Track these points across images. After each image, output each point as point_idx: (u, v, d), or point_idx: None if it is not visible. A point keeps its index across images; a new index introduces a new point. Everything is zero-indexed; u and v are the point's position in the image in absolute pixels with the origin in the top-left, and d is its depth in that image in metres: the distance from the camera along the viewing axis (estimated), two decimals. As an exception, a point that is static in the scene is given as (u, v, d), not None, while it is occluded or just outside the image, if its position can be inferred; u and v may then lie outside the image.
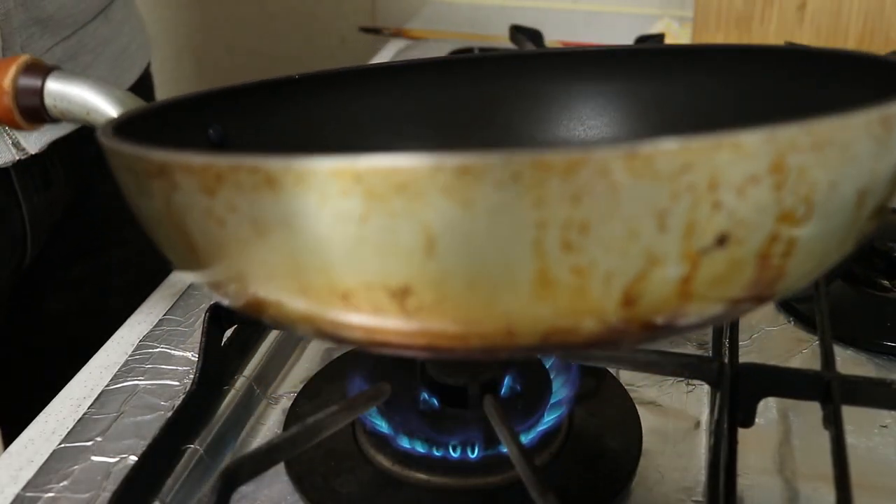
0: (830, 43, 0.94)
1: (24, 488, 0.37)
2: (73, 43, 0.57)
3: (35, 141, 0.55)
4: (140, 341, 0.47)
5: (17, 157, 0.54)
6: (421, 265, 0.23)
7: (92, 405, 0.42)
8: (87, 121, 0.40)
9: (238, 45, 1.37)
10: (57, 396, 0.44)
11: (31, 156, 0.56)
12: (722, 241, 0.23)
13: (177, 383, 0.44)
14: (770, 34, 0.96)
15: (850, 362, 0.46)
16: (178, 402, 0.41)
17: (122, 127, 0.31)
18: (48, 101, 0.40)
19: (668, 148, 0.21)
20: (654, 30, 1.00)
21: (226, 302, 0.28)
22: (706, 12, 0.97)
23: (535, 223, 0.22)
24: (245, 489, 0.37)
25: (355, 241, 0.23)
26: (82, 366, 0.46)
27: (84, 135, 0.61)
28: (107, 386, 0.44)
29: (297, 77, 0.42)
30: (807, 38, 0.93)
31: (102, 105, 0.39)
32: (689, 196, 0.22)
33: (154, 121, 0.36)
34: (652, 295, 0.23)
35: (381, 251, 0.23)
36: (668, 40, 0.95)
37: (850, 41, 0.94)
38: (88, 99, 0.39)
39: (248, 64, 1.37)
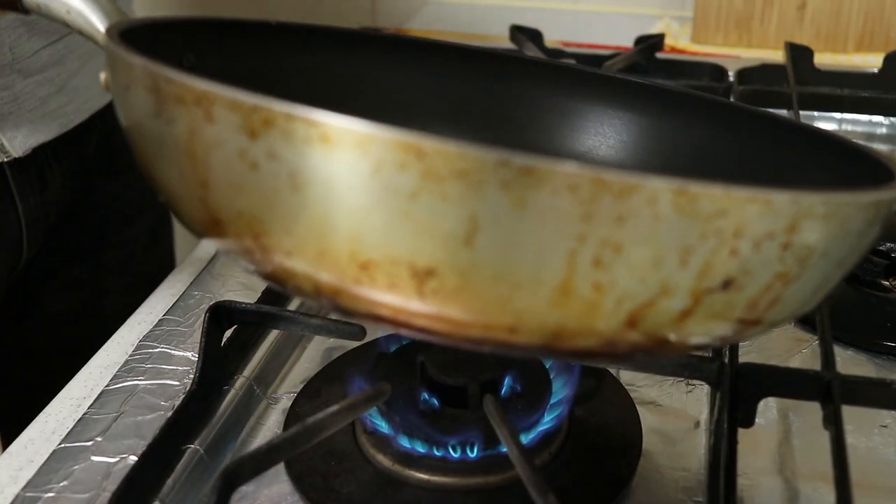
0: (830, 43, 0.94)
1: (24, 488, 0.37)
2: (60, 47, 0.57)
3: (20, 145, 0.55)
4: (140, 341, 0.47)
5: (1, 160, 0.54)
6: (455, 252, 0.23)
7: (92, 405, 0.42)
8: (65, 20, 0.37)
9: (238, 46, 1.36)
10: (57, 396, 0.43)
11: (29, 157, 0.55)
12: (727, 284, 0.24)
13: (177, 383, 0.44)
14: (770, 34, 0.96)
15: (850, 362, 0.46)
16: (178, 402, 0.41)
17: (123, 35, 0.29)
18: None
19: (714, 191, 0.23)
20: (654, 30, 1.00)
21: (213, 242, 0.28)
22: (706, 12, 0.97)
23: (576, 235, 0.23)
24: (245, 489, 0.37)
25: (398, 215, 0.23)
26: (81, 366, 0.46)
27: (81, 136, 0.61)
28: (107, 386, 0.44)
29: (272, 23, 0.40)
30: (807, 38, 0.93)
31: (84, 8, 0.37)
32: (714, 239, 0.23)
33: (139, 36, 0.33)
34: (652, 321, 0.25)
35: (420, 230, 0.23)
36: (668, 40, 0.95)
37: (850, 41, 0.94)
38: None
39: (248, 64, 1.36)
